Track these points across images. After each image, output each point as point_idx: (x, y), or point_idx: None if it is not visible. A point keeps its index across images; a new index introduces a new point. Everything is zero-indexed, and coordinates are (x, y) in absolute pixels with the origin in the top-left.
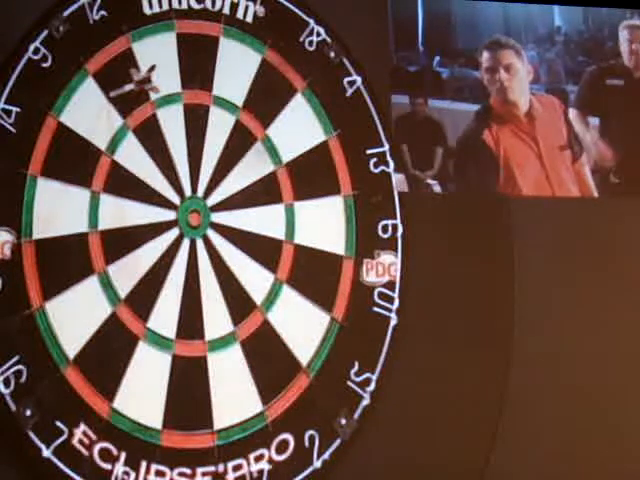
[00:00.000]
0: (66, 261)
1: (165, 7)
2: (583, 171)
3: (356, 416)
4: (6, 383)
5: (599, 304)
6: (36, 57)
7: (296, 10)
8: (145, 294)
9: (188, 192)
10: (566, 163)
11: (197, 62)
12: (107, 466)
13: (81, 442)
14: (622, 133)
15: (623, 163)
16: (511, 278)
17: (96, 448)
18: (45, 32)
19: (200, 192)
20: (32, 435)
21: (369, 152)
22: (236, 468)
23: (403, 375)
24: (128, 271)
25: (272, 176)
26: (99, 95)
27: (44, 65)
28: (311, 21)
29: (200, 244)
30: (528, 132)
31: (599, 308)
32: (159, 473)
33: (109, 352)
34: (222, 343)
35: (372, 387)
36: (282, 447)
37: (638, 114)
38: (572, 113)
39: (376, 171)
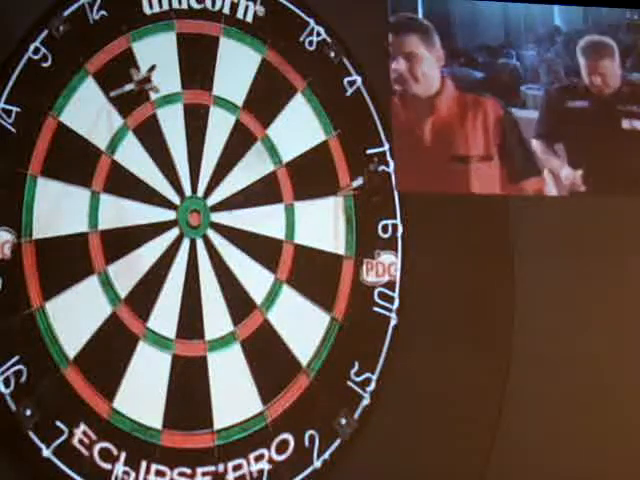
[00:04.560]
0: (66, 261)
1: (165, 7)
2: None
3: (356, 416)
4: (6, 383)
5: (599, 304)
6: (36, 57)
7: (296, 10)
8: (145, 294)
9: (188, 192)
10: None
11: (197, 62)
12: (107, 466)
13: (81, 442)
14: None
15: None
16: (511, 278)
17: (96, 448)
18: (45, 32)
19: (200, 192)
20: (32, 435)
21: (369, 152)
22: (236, 468)
23: (403, 375)
24: (128, 271)
25: (272, 176)
26: (99, 95)
27: (44, 65)
28: (311, 21)
29: (200, 244)
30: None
31: (599, 308)
32: (159, 473)
33: (109, 352)
34: (222, 343)
35: (372, 387)
36: (282, 447)
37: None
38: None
39: (376, 171)
